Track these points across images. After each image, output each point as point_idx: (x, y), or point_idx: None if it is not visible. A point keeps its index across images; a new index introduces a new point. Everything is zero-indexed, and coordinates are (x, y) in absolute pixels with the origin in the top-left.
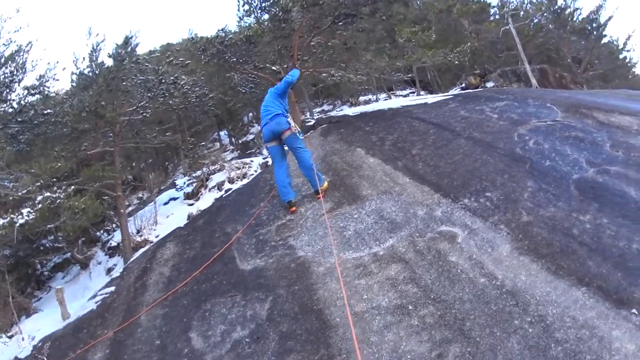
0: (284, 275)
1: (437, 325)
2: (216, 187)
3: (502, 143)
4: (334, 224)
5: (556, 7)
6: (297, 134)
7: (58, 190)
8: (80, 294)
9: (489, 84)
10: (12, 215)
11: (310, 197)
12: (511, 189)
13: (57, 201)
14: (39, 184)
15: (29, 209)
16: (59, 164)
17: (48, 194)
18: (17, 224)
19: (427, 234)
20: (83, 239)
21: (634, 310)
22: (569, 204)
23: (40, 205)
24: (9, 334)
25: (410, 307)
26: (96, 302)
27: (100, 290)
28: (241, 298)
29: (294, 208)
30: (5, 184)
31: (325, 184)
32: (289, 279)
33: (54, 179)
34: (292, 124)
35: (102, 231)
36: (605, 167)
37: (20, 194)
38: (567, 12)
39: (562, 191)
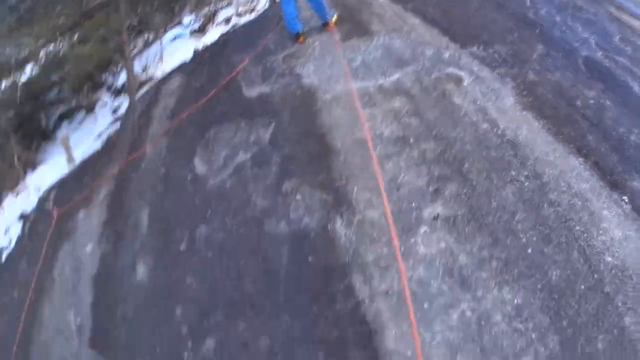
0: (288, 101)
1: (437, 161)
2: (224, 22)
3: (513, 4)
4: (343, 54)
5: None
6: None
7: (61, 43)
8: (87, 137)
9: None
10: (14, 75)
11: (318, 29)
12: (520, 48)
13: (61, 52)
14: (41, 42)
15: (31, 65)
16: (61, 21)
17: (51, 48)
18: (20, 83)
19: (434, 73)
20: (89, 84)
21: (625, 198)
22: (575, 75)
23: (43, 60)
24: (14, 192)
25: (412, 140)
26: (101, 142)
27: (105, 129)
28: (245, 123)
29: (301, 38)
30: (7, 50)
31: (335, 17)
32: (294, 105)
33: (58, 34)
34: None
35: (107, 74)
36: (613, 56)
37: (22, 54)
38: None
39: (570, 62)
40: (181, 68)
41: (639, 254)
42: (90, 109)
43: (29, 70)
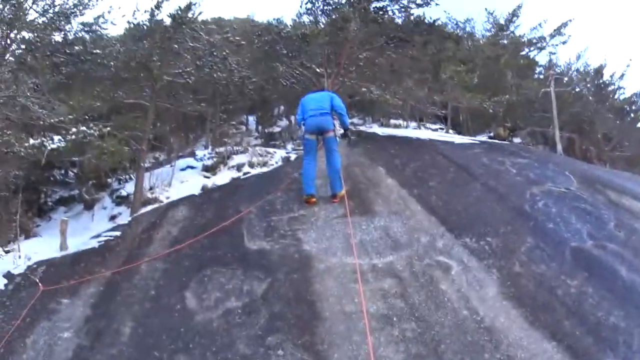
0: (286, 263)
1: (415, 340)
2: (236, 167)
3: (513, 197)
4: (342, 229)
5: (601, 81)
6: (337, 138)
7: (93, 128)
8: (80, 232)
9: (516, 140)
10: (43, 139)
11: (325, 199)
12: (510, 240)
13: (89, 137)
14: (72, 117)
15: (60, 137)
16: (98, 103)
17: (83, 127)
18: (48, 149)
19: (426, 259)
20: (94, 181)
21: None
22: (560, 267)
23: (73, 137)
24: (6, 249)
25: (395, 319)
26: (98, 242)
27: (105, 232)
28: (241, 273)
29: (313, 200)
30: (40, 110)
31: (343, 191)
32: (290, 267)
33: (87, 117)
34: (336, 127)
35: (113, 179)
36: (603, 243)
37: (52, 120)
38: (610, 88)
39: (557, 254)
40: (189, 200)
41: None
42: (89, 206)
43: (56, 139)
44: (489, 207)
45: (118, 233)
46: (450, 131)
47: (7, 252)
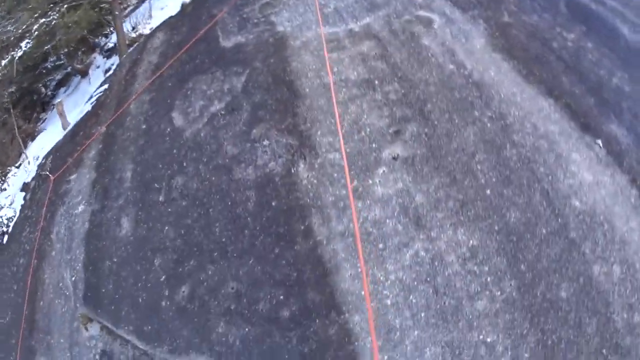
0: (261, 50)
1: (399, 102)
2: None
3: None
4: (315, 1)
5: None
6: None
7: (52, 14)
8: (81, 100)
9: None
10: (11, 52)
11: None
12: None
13: (52, 23)
14: (36, 15)
15: (27, 40)
16: None
17: (43, 19)
18: (17, 58)
19: (405, 15)
20: (83, 49)
21: (598, 141)
22: (554, 18)
23: (36, 33)
24: (16, 164)
25: (377, 82)
26: (91, 103)
27: (95, 90)
28: (221, 74)
29: None
30: (9, 28)
31: None
32: (266, 53)
33: (51, 5)
34: None
35: (100, 37)
36: None
37: (20, 30)
38: None
39: (551, 4)
40: (165, 24)
41: (613, 200)
42: (84, 73)
43: (24, 44)
44: None
45: (106, 86)
46: None
47: (17, 167)
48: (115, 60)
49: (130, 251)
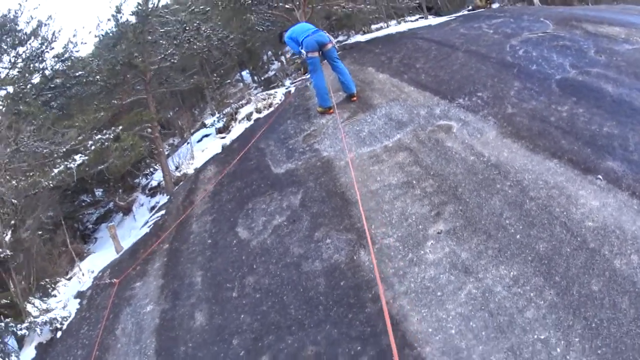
0: (312, 172)
1: (435, 193)
2: (245, 118)
3: (494, 53)
4: (351, 129)
5: None
6: (336, 48)
7: (107, 133)
8: (127, 234)
9: (495, 5)
10: (65, 162)
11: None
12: (499, 89)
13: (106, 143)
14: (81, 137)
15: (80, 154)
16: (101, 114)
17: (99, 136)
18: (75, 166)
19: (428, 127)
20: (122, 189)
21: (599, 176)
22: (549, 99)
23: (93, 147)
24: (67, 277)
25: (414, 182)
26: (149, 227)
27: (150, 217)
28: (277, 195)
29: (332, 110)
30: (47, 146)
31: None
32: (316, 174)
33: (96, 131)
34: (333, 39)
35: (140, 177)
36: (586, 69)
37: (66, 147)
38: None
39: (544, 89)
40: (213, 159)
41: (619, 212)
42: (127, 210)
43: (78, 157)
44: (474, 68)
45: (163, 212)
46: (430, 17)
47: (69, 279)
48: (159, 198)
49: (206, 337)
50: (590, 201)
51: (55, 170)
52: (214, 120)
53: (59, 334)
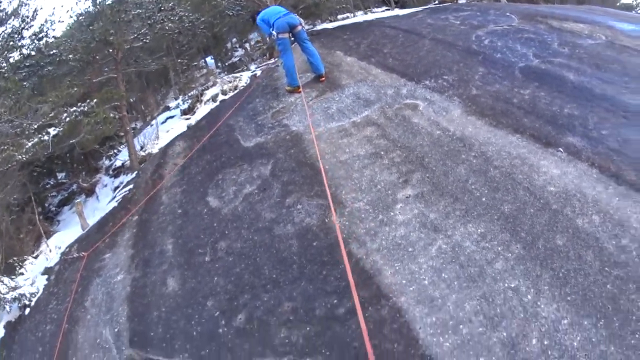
0: (281, 145)
1: (403, 162)
2: (211, 100)
3: (460, 42)
4: (320, 106)
5: None
6: (305, 31)
7: (81, 106)
8: (91, 214)
9: (463, 0)
10: (39, 136)
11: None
12: (464, 73)
13: (79, 117)
14: (55, 112)
15: (54, 127)
16: (74, 89)
17: (74, 108)
18: (50, 137)
19: (395, 105)
20: (85, 171)
21: (560, 149)
22: (512, 83)
23: (67, 119)
24: (34, 255)
25: (382, 153)
26: (117, 200)
27: (118, 192)
28: (247, 166)
29: (300, 89)
30: (22, 122)
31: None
32: (286, 147)
33: (68, 106)
34: (303, 21)
35: (104, 159)
36: (549, 59)
37: (39, 122)
38: None
39: (508, 74)
40: (181, 135)
41: (580, 180)
42: (90, 191)
43: (52, 130)
44: (440, 55)
45: (131, 186)
46: (397, 10)
47: (36, 257)
48: (123, 178)
49: (180, 301)
50: (552, 170)
51: (29, 144)
52: (179, 102)
53: (27, 310)
